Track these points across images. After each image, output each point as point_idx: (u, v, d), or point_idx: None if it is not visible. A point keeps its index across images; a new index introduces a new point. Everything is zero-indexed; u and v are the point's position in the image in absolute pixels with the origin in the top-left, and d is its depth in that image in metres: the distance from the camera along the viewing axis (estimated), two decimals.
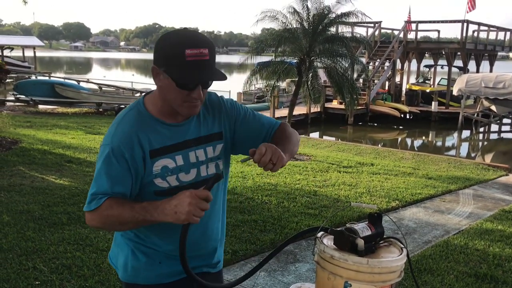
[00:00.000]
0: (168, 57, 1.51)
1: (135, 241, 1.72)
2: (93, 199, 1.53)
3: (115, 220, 1.52)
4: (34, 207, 5.25)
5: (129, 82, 24.91)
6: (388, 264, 1.52)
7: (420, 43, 24.11)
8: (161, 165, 1.62)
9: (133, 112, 1.64)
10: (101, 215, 1.52)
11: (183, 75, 1.50)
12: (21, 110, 17.14)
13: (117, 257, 1.78)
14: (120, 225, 1.56)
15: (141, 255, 1.71)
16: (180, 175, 1.65)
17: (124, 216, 1.50)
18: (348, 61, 10.31)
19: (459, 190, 7.57)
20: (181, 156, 1.65)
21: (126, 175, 1.56)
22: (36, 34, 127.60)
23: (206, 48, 1.51)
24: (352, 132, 19.13)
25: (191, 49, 1.49)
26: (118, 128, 1.60)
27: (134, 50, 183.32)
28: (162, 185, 1.63)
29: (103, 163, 1.56)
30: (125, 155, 1.56)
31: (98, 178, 1.56)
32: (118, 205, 1.51)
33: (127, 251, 1.73)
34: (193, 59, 1.49)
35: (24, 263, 3.84)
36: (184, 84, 1.53)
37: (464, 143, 19.08)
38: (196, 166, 1.68)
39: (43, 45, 57.22)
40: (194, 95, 1.56)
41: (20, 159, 7.71)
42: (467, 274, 4.12)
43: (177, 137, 1.65)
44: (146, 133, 1.60)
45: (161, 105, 1.63)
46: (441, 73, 26.36)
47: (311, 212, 5.69)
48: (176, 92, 1.55)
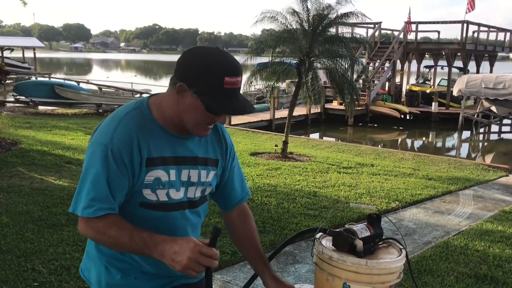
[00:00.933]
0: (204, 80, 1.43)
1: (109, 256, 1.61)
2: (90, 206, 1.43)
3: (111, 241, 1.44)
4: (33, 208, 5.24)
5: (129, 83, 24.89)
6: (387, 265, 1.51)
7: (420, 43, 24.13)
8: (154, 176, 1.53)
9: (135, 113, 1.54)
10: (98, 231, 1.44)
11: (220, 102, 1.45)
12: (21, 111, 17.13)
13: (90, 271, 1.67)
14: (113, 247, 1.49)
15: (115, 271, 1.60)
16: (170, 191, 1.57)
17: (121, 242, 1.43)
18: (348, 62, 10.30)
19: (459, 190, 7.56)
20: (175, 171, 1.57)
21: (125, 182, 1.48)
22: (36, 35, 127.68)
23: (240, 76, 1.49)
24: (352, 133, 19.13)
25: (230, 77, 1.44)
26: (118, 128, 1.49)
27: (134, 51, 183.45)
28: (150, 197, 1.54)
29: (101, 166, 1.45)
30: (125, 160, 1.47)
31: (97, 181, 1.45)
32: (117, 228, 1.43)
33: (100, 267, 1.62)
34: (230, 87, 1.45)
35: (23, 264, 3.82)
36: (216, 111, 1.48)
37: (464, 144, 19.08)
38: (185, 186, 1.61)
39: (43, 46, 57.21)
40: (220, 120, 1.54)
41: (20, 160, 7.70)
42: (467, 275, 4.11)
43: (175, 150, 1.58)
44: (146, 139, 1.51)
45: (170, 116, 1.54)
46: (441, 74, 26.37)
47: (311, 213, 5.68)
48: (202, 115, 1.49)
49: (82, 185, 1.48)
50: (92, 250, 1.66)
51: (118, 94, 20.17)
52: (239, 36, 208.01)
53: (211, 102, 1.45)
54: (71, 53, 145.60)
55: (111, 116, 1.56)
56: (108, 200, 1.45)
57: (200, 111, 1.48)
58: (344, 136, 18.56)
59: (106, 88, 20.51)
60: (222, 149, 1.73)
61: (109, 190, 1.45)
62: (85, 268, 1.70)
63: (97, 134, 1.53)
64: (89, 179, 1.46)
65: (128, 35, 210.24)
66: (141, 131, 1.50)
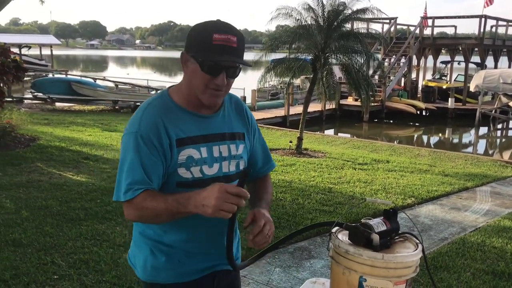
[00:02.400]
0: (196, 41, 1.53)
1: (154, 240, 1.69)
2: (129, 189, 1.52)
3: (151, 213, 1.51)
4: (52, 203, 5.33)
5: (145, 80, 25.04)
6: (403, 259, 1.51)
7: (437, 39, 23.83)
8: (187, 155, 1.60)
9: (158, 101, 1.63)
10: (137, 208, 1.52)
11: (208, 57, 1.51)
12: (39, 108, 17.38)
13: (136, 256, 1.76)
14: (156, 218, 1.55)
15: (160, 255, 1.68)
16: (204, 167, 1.63)
17: (158, 209, 1.50)
18: (364, 57, 10.25)
19: (476, 187, 7.49)
20: (206, 148, 1.64)
21: (158, 163, 1.56)
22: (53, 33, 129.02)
23: (235, 36, 1.53)
24: (368, 129, 19.02)
25: (219, 34, 1.50)
26: (144, 116, 1.58)
27: (150, 48, 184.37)
28: (185, 175, 1.61)
29: (134, 152, 1.54)
30: (154, 142, 1.55)
31: (132, 167, 1.53)
32: (152, 199, 1.50)
33: (146, 251, 1.70)
34: (220, 43, 1.50)
35: (43, 257, 3.90)
36: (209, 68, 1.53)
37: (481, 140, 18.85)
38: (219, 161, 1.67)
39: (59, 43, 57.86)
40: (218, 81, 1.55)
41: (38, 155, 7.82)
42: (484, 271, 4.09)
43: (202, 129, 1.65)
44: (172, 122, 1.59)
45: (187, 94, 1.63)
46: (458, 69, 26.04)
47: (326, 209, 5.68)
48: (201, 77, 1.55)
49: (121, 174, 1.56)
50: (138, 236, 1.75)
51: (134, 90, 20.32)
52: (253, 33, 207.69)
53: (202, 59, 1.52)
54: (87, 50, 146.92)
55: (137, 110, 1.65)
56: (145, 182, 1.53)
57: (199, 74, 1.55)
58: (360, 132, 18.46)
59: (122, 85, 20.65)
60: (245, 123, 1.79)
61: (144, 173, 1.53)
62: (132, 255, 1.79)
63: (127, 126, 1.61)
64: (125, 167, 1.55)
65: (144, 32, 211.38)
66: (165, 116, 1.59)
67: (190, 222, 1.62)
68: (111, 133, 11.35)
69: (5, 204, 5.29)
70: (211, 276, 1.75)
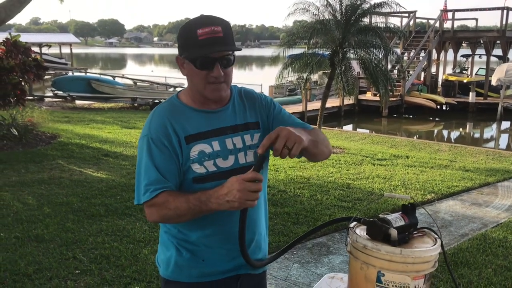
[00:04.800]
0: (185, 41, 1.58)
1: (179, 238, 1.71)
2: (147, 190, 1.56)
3: (173, 213, 1.54)
4: (73, 199, 5.42)
5: (163, 77, 25.22)
6: (421, 254, 1.50)
7: (457, 32, 23.44)
8: (198, 150, 1.62)
9: (166, 104, 1.70)
10: (159, 210, 1.56)
11: (197, 53, 1.54)
12: (59, 106, 17.64)
13: (160, 255, 1.79)
14: (179, 218, 1.58)
15: (185, 252, 1.70)
16: (217, 161, 1.64)
17: (180, 209, 1.53)
18: (382, 52, 10.16)
19: (498, 182, 7.37)
20: (218, 142, 1.65)
21: (171, 162, 1.59)
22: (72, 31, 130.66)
23: (219, 26, 1.54)
24: (387, 124, 18.85)
25: (202, 28, 1.53)
26: (153, 119, 1.65)
27: (167, 45, 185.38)
28: (199, 170, 1.62)
29: (147, 155, 1.59)
30: (165, 143, 1.59)
31: (147, 169, 1.58)
32: (174, 198, 1.54)
33: (172, 249, 1.73)
34: (205, 37, 1.52)
35: (64, 253, 3.97)
36: (202, 64, 1.55)
37: (503, 135, 18.52)
38: (234, 153, 1.67)
39: (79, 42, 58.63)
40: (214, 74, 1.57)
41: (59, 153, 7.95)
42: (506, 268, 4.03)
43: (212, 124, 1.67)
44: (180, 120, 1.63)
45: (193, 94, 1.67)
46: (479, 63, 25.59)
47: (345, 205, 5.66)
48: (197, 74, 1.58)
49: (139, 177, 1.61)
50: (163, 235, 1.78)
51: (153, 88, 20.48)
52: (270, 28, 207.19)
53: (193, 57, 1.55)
54: (106, 48, 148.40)
55: (150, 113, 1.70)
56: (161, 181, 1.57)
57: (195, 72, 1.58)
58: (378, 127, 18.30)
59: (141, 83, 20.83)
60: (255, 107, 1.76)
61: (159, 173, 1.57)
62: (158, 255, 1.82)
63: (142, 130, 1.67)
64: (142, 170, 1.60)
65: (161, 30, 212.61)
66: (173, 116, 1.64)
67: (214, 217, 1.63)
68: (130, 130, 11.46)
69: (28, 200, 5.40)
70: (234, 278, 1.75)
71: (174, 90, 20.76)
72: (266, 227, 1.87)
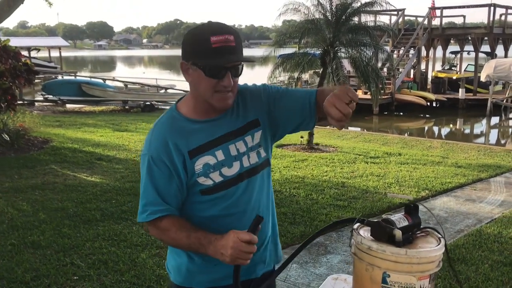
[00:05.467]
0: (195, 48, 1.53)
1: None
2: (144, 211, 1.59)
3: (172, 242, 1.62)
4: (68, 205, 5.39)
5: (154, 79, 25.14)
6: (426, 254, 1.52)
7: (445, 29, 23.61)
8: (202, 163, 1.60)
9: (165, 118, 1.66)
10: (159, 233, 1.61)
11: (211, 61, 1.50)
12: (50, 110, 17.53)
13: (170, 262, 1.78)
14: (176, 247, 1.66)
15: (197, 258, 1.69)
16: (223, 170, 1.63)
17: (180, 243, 1.59)
18: (372, 50, 10.20)
19: (490, 178, 7.44)
20: (221, 150, 1.63)
21: (171, 182, 1.58)
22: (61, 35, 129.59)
23: (232, 35, 1.52)
24: (378, 122, 18.93)
25: (216, 36, 1.49)
26: (153, 135, 1.63)
27: (157, 47, 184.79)
28: (206, 183, 1.61)
29: (147, 174, 1.60)
30: (166, 162, 1.58)
31: (146, 189, 1.60)
32: (176, 230, 1.56)
33: (183, 255, 1.71)
34: (219, 45, 1.49)
35: (62, 259, 3.95)
36: (213, 72, 1.52)
37: (493, 130, 18.67)
38: (238, 159, 1.66)
39: (68, 45, 58.20)
40: (224, 83, 1.54)
41: (52, 157, 7.90)
42: (502, 263, 4.07)
43: (214, 133, 1.63)
44: (182, 135, 1.60)
45: (194, 103, 1.63)
46: (468, 59, 25.78)
47: (340, 204, 5.68)
48: (206, 82, 1.54)
49: (141, 196, 1.63)
50: None
51: (144, 90, 20.40)
52: (260, 28, 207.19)
53: (205, 64, 1.52)
54: (95, 51, 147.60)
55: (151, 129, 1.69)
56: (158, 203, 1.57)
57: (204, 79, 1.54)
58: (370, 125, 18.38)
59: (132, 85, 20.74)
60: (253, 102, 1.71)
61: (157, 194, 1.57)
62: (168, 261, 1.82)
63: (143, 146, 1.66)
64: (142, 189, 1.62)
65: (150, 31, 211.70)
66: (174, 131, 1.61)
67: (226, 221, 1.63)
68: (122, 133, 11.42)
69: (22, 206, 5.36)
70: (246, 283, 1.74)
71: (165, 92, 20.69)
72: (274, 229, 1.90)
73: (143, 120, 14.35)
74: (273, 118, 1.72)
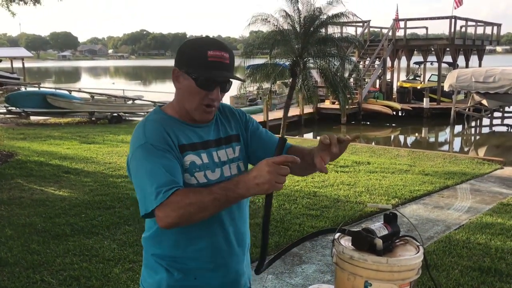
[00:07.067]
0: (191, 57, 1.58)
1: (169, 258, 1.67)
2: (158, 193, 1.44)
3: (196, 208, 1.43)
4: (36, 220, 5.24)
5: (121, 90, 24.83)
6: (407, 262, 1.55)
7: (409, 40, 24.28)
8: (190, 160, 1.62)
9: (154, 116, 1.66)
10: (179, 207, 1.42)
11: (204, 73, 1.56)
12: (13, 122, 17.07)
13: (147, 279, 1.72)
14: (201, 212, 1.45)
15: (176, 273, 1.66)
16: (207, 172, 1.65)
17: (205, 201, 1.43)
18: (340, 61, 10.39)
19: (456, 185, 7.64)
20: (206, 154, 1.67)
21: (176, 162, 1.55)
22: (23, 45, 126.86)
23: (227, 53, 1.59)
24: (346, 131, 19.20)
25: (213, 51, 1.56)
26: (146, 128, 1.59)
27: (123, 57, 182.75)
28: (191, 181, 1.61)
29: (150, 160, 1.51)
30: (165, 147, 1.55)
31: (154, 173, 1.48)
32: (195, 192, 1.46)
33: (162, 271, 1.67)
34: (214, 60, 1.55)
35: (31, 276, 3.83)
36: (204, 84, 1.57)
37: (457, 138, 19.23)
38: (219, 166, 1.69)
39: (31, 55, 56.90)
40: (212, 96, 1.59)
41: (18, 171, 7.68)
42: (471, 268, 4.17)
43: (199, 137, 1.68)
44: (173, 130, 1.62)
45: (179, 109, 1.67)
46: (431, 69, 26.53)
47: (313, 213, 5.72)
48: (195, 93, 1.59)
49: (143, 186, 1.50)
50: (150, 259, 1.70)
51: (111, 101, 20.11)
52: (227, 39, 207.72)
53: (198, 75, 1.56)
54: (59, 62, 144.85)
55: (136, 127, 1.65)
56: (173, 181, 1.47)
57: (194, 89, 1.58)
58: (338, 135, 18.57)
59: (98, 96, 20.43)
60: (236, 120, 1.81)
61: (168, 173, 1.49)
62: (144, 279, 1.74)
63: (131, 144, 1.61)
64: (146, 179, 1.49)
65: (116, 42, 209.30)
66: (166, 125, 1.62)
67: (205, 233, 1.63)
68: (90, 145, 11.21)
69: None
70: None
71: (133, 103, 20.46)
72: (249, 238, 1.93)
73: (110, 132, 14.13)
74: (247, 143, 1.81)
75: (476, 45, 25.08)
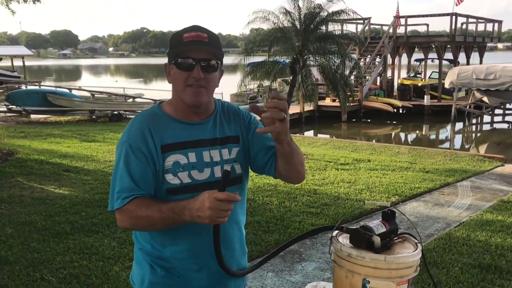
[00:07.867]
0: (171, 47, 1.62)
1: (153, 255, 1.69)
2: (118, 197, 1.55)
3: (145, 222, 1.53)
4: (36, 218, 5.24)
5: (121, 88, 24.81)
6: (405, 259, 1.54)
7: (410, 37, 24.22)
8: (173, 161, 1.62)
9: (147, 112, 1.70)
10: (131, 217, 1.54)
11: (179, 53, 1.59)
12: (14, 121, 17.07)
13: (134, 273, 1.76)
14: (150, 226, 1.57)
15: (159, 270, 1.68)
16: (192, 172, 1.64)
17: (153, 219, 1.51)
18: (340, 58, 10.37)
19: (457, 182, 7.63)
20: (194, 153, 1.65)
21: (147, 169, 1.58)
22: (24, 43, 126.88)
23: (205, 33, 1.60)
24: (347, 129, 19.20)
25: (188, 33, 1.59)
26: (132, 126, 1.65)
27: (123, 55, 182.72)
28: (173, 181, 1.61)
29: (123, 161, 1.59)
30: (142, 149, 1.59)
31: (121, 176, 1.57)
32: (146, 207, 1.52)
33: (145, 266, 1.70)
34: (190, 40, 1.58)
35: (31, 274, 3.83)
36: (183, 65, 1.58)
37: (458, 136, 19.21)
38: (210, 166, 1.67)
39: (31, 54, 56.99)
40: (194, 75, 1.58)
41: (18, 170, 7.68)
42: (472, 265, 4.17)
43: (191, 135, 1.67)
44: (158, 129, 1.63)
45: (175, 104, 1.68)
46: (432, 67, 26.50)
47: (313, 211, 5.72)
48: (179, 76, 1.60)
49: (113, 183, 1.60)
50: (138, 253, 1.75)
51: (111, 99, 20.10)
52: (227, 37, 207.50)
53: (174, 56, 1.60)
54: (59, 60, 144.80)
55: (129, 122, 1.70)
56: (133, 189, 1.55)
57: (177, 74, 1.61)
58: (339, 132, 18.62)
59: (99, 94, 20.41)
60: (237, 121, 1.78)
61: (132, 180, 1.56)
62: (132, 272, 1.79)
63: (122, 136, 1.66)
64: (117, 177, 1.60)
65: (116, 40, 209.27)
66: (152, 124, 1.64)
67: (186, 230, 1.61)
68: (90, 143, 11.21)
69: None
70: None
71: (133, 101, 20.45)
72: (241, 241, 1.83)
73: (110, 130, 14.13)
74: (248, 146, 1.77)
75: (477, 42, 25.02)
